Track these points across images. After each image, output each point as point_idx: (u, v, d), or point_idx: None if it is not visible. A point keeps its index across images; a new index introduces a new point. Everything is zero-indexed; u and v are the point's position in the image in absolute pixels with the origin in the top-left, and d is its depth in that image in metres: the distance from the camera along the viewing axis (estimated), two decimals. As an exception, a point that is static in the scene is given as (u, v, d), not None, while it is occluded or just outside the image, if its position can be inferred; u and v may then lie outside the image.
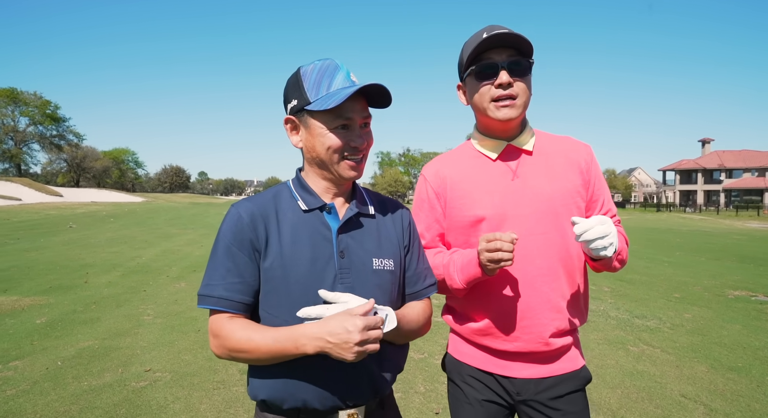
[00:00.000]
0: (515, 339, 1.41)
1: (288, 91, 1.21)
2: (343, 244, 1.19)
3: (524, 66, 1.35)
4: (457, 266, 1.38)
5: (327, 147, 1.17)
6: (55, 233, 15.40)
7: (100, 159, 75.53)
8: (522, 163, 1.44)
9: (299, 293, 1.14)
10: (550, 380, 1.44)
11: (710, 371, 3.99)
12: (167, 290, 6.95)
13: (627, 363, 4.17)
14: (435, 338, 4.81)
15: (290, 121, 1.22)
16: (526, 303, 1.39)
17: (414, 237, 1.36)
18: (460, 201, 1.45)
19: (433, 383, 3.70)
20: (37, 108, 63.46)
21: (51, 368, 3.86)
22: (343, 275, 1.17)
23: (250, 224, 1.15)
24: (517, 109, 1.37)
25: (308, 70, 1.19)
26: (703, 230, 23.44)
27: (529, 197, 1.40)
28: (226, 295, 1.13)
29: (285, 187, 1.27)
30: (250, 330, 1.11)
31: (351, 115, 1.16)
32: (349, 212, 1.23)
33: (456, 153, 1.55)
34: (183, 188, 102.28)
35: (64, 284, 7.19)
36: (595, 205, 1.47)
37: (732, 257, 11.62)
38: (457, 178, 1.47)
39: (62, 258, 9.79)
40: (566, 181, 1.42)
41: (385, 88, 1.15)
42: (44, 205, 30.87)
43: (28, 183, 43.32)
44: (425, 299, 1.36)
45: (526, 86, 1.37)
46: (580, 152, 1.48)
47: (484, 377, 1.48)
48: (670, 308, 6.25)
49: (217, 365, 3.97)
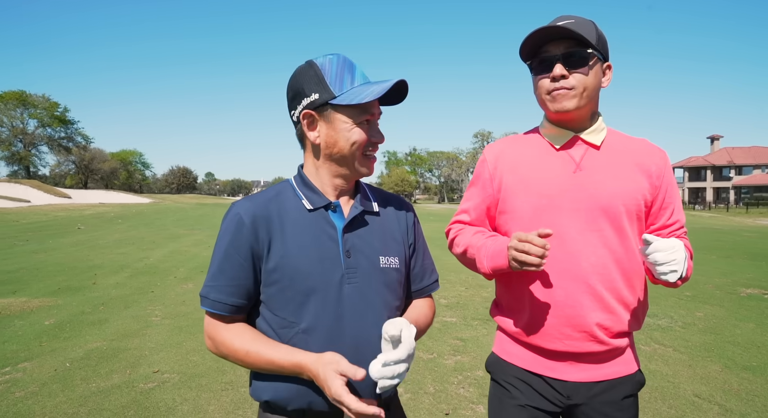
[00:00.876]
0: (565, 337, 1.35)
1: (304, 86, 1.17)
2: (349, 243, 1.18)
3: (581, 57, 1.29)
4: (489, 251, 1.34)
5: (352, 142, 1.16)
6: (63, 234, 15.51)
7: (107, 161, 76.08)
8: (587, 156, 1.39)
9: (306, 293, 1.13)
10: (603, 383, 1.38)
11: (724, 371, 3.93)
12: (175, 290, 6.97)
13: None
14: (444, 338, 4.78)
15: (309, 116, 1.18)
16: (577, 300, 1.33)
17: (418, 233, 1.36)
18: (515, 187, 1.41)
19: (442, 384, 3.67)
20: (46, 110, 63.94)
21: (59, 370, 3.87)
22: (350, 275, 1.16)
23: (250, 227, 1.13)
24: (573, 100, 1.31)
25: (326, 64, 1.16)
26: (713, 227, 23.21)
27: (589, 191, 1.34)
28: (220, 298, 1.14)
29: (288, 186, 1.24)
30: (247, 342, 1.12)
31: (374, 110, 1.18)
32: (354, 210, 1.21)
33: (521, 138, 1.51)
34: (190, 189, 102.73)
35: (73, 286, 7.22)
36: (664, 214, 1.41)
37: (743, 255, 11.49)
38: (518, 163, 1.43)
39: (71, 259, 9.85)
40: (631, 182, 1.36)
41: (406, 84, 1.18)
42: (53, 206, 31.13)
43: (37, 185, 43.69)
44: (429, 295, 1.37)
45: (586, 77, 1.31)
46: (653, 156, 1.40)
47: (533, 380, 1.41)
48: (681, 306, 6.18)
49: (225, 366, 3.96)
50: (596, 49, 1.31)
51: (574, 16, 1.34)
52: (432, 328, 5.12)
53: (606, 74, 1.39)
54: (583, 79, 1.31)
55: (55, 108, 64.68)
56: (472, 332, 5.02)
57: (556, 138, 1.41)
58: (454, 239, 1.52)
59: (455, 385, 3.66)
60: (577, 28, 1.28)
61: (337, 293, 1.14)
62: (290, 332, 1.13)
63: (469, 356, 4.26)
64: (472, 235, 1.45)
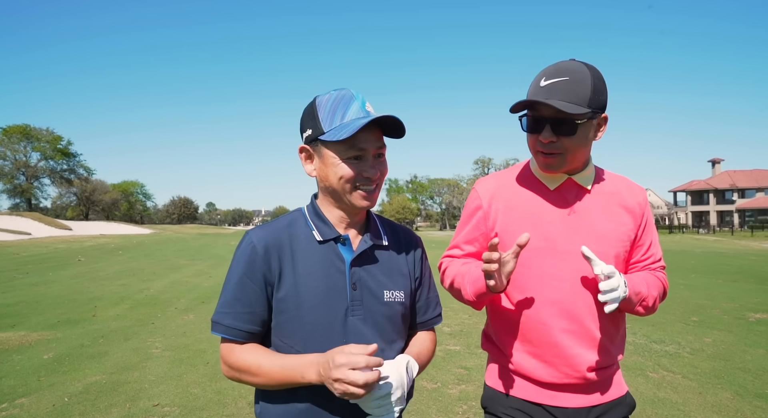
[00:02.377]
0: (563, 375, 1.39)
1: (303, 121, 1.24)
2: (355, 276, 1.21)
3: (570, 124, 1.28)
4: (471, 277, 1.37)
5: (339, 177, 1.19)
6: (63, 266, 15.48)
7: (109, 192, 76.50)
8: (580, 199, 1.43)
9: (312, 323, 1.17)
10: (600, 407, 1.42)
11: (736, 399, 3.86)
12: (175, 322, 6.92)
13: (647, 390, 4.05)
14: (448, 367, 4.72)
15: (305, 150, 1.25)
16: (574, 341, 1.37)
17: (425, 268, 1.39)
18: (513, 227, 1.42)
19: (447, 414, 3.61)
20: (49, 143, 64.81)
21: (57, 405, 3.82)
22: (354, 307, 1.19)
23: (263, 256, 1.18)
24: (560, 165, 1.35)
25: (324, 100, 1.21)
26: (719, 251, 23.09)
27: (584, 234, 1.38)
28: (234, 324, 1.17)
29: (300, 215, 1.28)
30: (260, 355, 1.15)
31: (364, 145, 1.18)
32: (363, 244, 1.24)
33: (513, 174, 1.52)
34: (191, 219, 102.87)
35: (72, 318, 7.18)
36: (639, 250, 1.47)
37: (750, 279, 11.41)
38: (513, 203, 1.45)
39: (70, 292, 9.81)
40: (619, 224, 1.42)
41: (397, 119, 1.17)
42: (53, 239, 31.16)
43: (38, 217, 43.85)
44: (431, 328, 1.40)
45: (573, 142, 1.31)
46: (636, 196, 1.47)
47: (533, 410, 1.43)
48: (688, 332, 6.11)
49: (227, 399, 3.91)
50: (589, 110, 1.28)
51: (572, 67, 1.30)
52: (435, 357, 5.06)
53: (601, 127, 1.38)
54: (571, 144, 1.32)
55: (58, 141, 65.57)
56: (476, 360, 4.96)
57: (549, 180, 1.44)
58: (445, 271, 1.55)
59: (460, 415, 3.60)
60: (567, 94, 1.26)
61: (341, 324, 1.18)
62: None
63: (473, 385, 4.20)
64: (459, 265, 1.48)
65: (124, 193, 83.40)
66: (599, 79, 1.32)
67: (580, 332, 1.37)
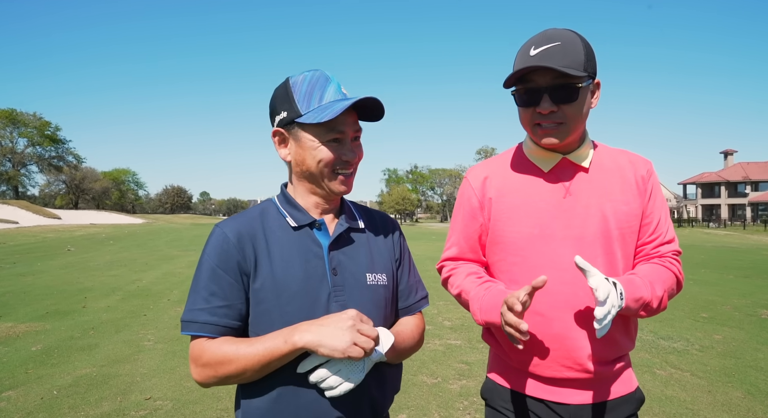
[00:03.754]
0: (564, 368, 1.35)
1: (276, 103, 1.21)
2: (335, 261, 1.20)
3: (570, 90, 1.25)
4: (482, 305, 1.33)
5: (318, 160, 1.17)
6: (52, 256, 15.50)
7: (99, 180, 76.55)
8: (576, 179, 1.37)
9: (293, 313, 1.13)
10: (606, 404, 1.38)
11: (747, 398, 3.87)
12: (168, 314, 6.93)
13: (654, 388, 4.07)
14: (449, 362, 4.73)
15: (278, 133, 1.22)
16: (576, 331, 1.33)
17: (404, 249, 1.38)
18: (505, 215, 1.39)
19: (448, 410, 3.62)
20: (36, 129, 64.66)
21: (46, 398, 3.83)
22: (336, 293, 1.18)
23: (236, 245, 1.15)
24: (563, 135, 1.30)
25: (298, 81, 1.19)
26: (730, 245, 23.13)
27: (581, 218, 1.33)
28: (211, 320, 1.11)
29: (271, 204, 1.26)
30: (236, 342, 1.10)
31: (343, 128, 1.17)
32: (339, 227, 1.23)
33: (505, 160, 1.48)
34: (185, 209, 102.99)
35: (62, 310, 7.19)
36: (647, 228, 1.38)
37: (763, 275, 11.42)
38: (505, 190, 1.41)
39: (60, 282, 9.83)
40: (622, 203, 1.35)
41: (378, 101, 1.17)
42: (42, 228, 31.18)
43: (26, 206, 43.87)
44: (417, 313, 1.37)
45: (575, 110, 1.27)
46: (638, 169, 1.40)
47: (534, 405, 1.40)
48: (697, 328, 6.13)
49: (221, 393, 3.92)
50: (586, 75, 1.26)
51: (560, 33, 1.27)
52: (436, 351, 5.08)
53: (594, 94, 1.34)
54: (572, 112, 1.28)
55: (46, 127, 65.43)
56: (477, 355, 4.97)
57: (543, 161, 1.39)
58: (448, 279, 1.51)
59: (461, 411, 3.61)
60: (563, 58, 1.22)
61: (324, 312, 1.15)
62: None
63: (475, 381, 4.21)
64: (465, 277, 1.44)
65: (115, 182, 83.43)
66: (589, 45, 1.30)
67: (581, 323, 1.32)
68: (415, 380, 4.25)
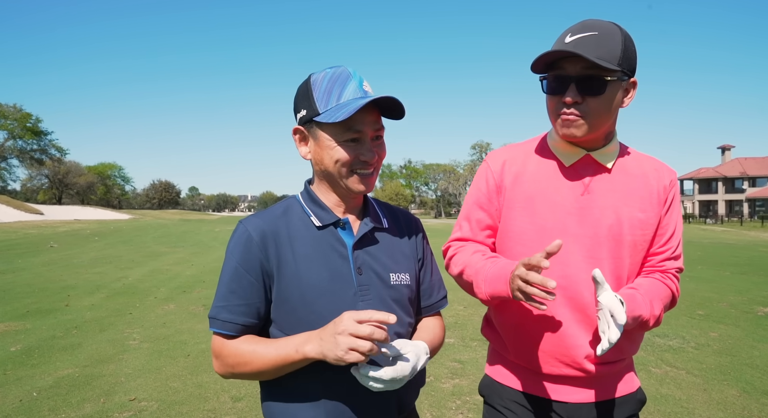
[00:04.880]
0: (563, 365, 1.35)
1: (297, 100, 1.22)
2: (360, 260, 1.22)
3: (598, 82, 1.23)
4: (489, 275, 1.31)
5: (335, 160, 1.18)
6: (34, 253, 15.35)
7: (84, 174, 75.85)
8: (597, 179, 1.36)
9: (319, 312, 1.15)
10: (605, 403, 1.38)
11: (742, 396, 3.91)
12: (155, 312, 6.89)
13: (649, 386, 4.09)
14: (441, 360, 4.74)
15: (299, 131, 1.23)
16: (576, 330, 1.33)
17: (426, 249, 1.40)
18: (519, 204, 1.39)
19: (440, 409, 3.63)
20: (17, 121, 63.81)
21: (25, 400, 3.79)
22: (362, 292, 1.20)
23: (260, 244, 1.17)
24: (583, 127, 1.27)
25: (318, 79, 1.19)
26: (727, 242, 23.34)
27: (595, 218, 1.33)
28: (230, 318, 1.16)
29: (295, 202, 1.28)
30: (254, 343, 1.14)
31: (361, 127, 1.16)
32: (364, 227, 1.25)
33: (528, 148, 1.47)
34: (173, 204, 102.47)
35: (43, 308, 7.13)
36: (660, 239, 1.38)
37: (759, 271, 11.53)
38: (523, 177, 1.41)
39: (41, 280, 9.73)
40: (639, 210, 1.34)
41: (397, 100, 1.16)
42: (23, 223, 30.88)
43: (6, 201, 43.39)
44: (438, 313, 1.40)
45: (601, 104, 1.26)
46: (662, 179, 1.39)
47: (532, 402, 1.41)
48: (693, 326, 6.18)
49: (208, 393, 3.90)
50: (619, 70, 1.24)
51: (601, 24, 1.25)
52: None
53: (629, 93, 1.32)
54: (597, 106, 1.26)
55: (27, 119, 64.51)
56: (471, 353, 4.99)
57: (566, 155, 1.38)
58: (453, 257, 1.49)
59: (453, 410, 3.62)
60: (597, 49, 1.21)
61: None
62: None
63: (467, 380, 4.22)
64: (471, 254, 1.42)
65: (100, 176, 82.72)
66: (630, 40, 1.27)
67: (585, 322, 1.32)
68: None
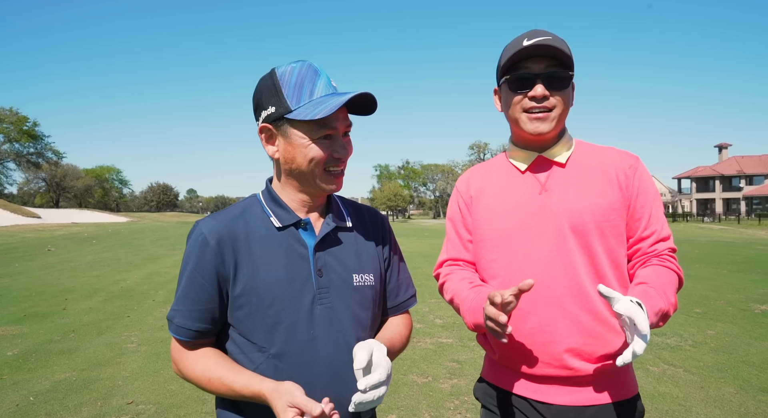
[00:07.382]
0: (544, 365, 1.34)
1: (262, 97, 1.17)
2: (320, 262, 1.19)
3: (563, 78, 1.34)
4: (470, 307, 1.34)
5: (310, 159, 1.14)
6: (31, 257, 15.32)
7: (81, 177, 75.60)
8: (552, 175, 1.41)
9: (275, 316, 1.13)
10: (593, 408, 1.33)
11: (739, 393, 3.92)
12: (153, 315, 6.88)
13: (647, 384, 4.10)
14: (440, 360, 4.74)
15: (266, 130, 1.18)
16: (552, 326, 1.32)
17: (393, 246, 1.37)
18: (483, 213, 1.46)
19: (438, 410, 3.63)
20: (13, 125, 63.58)
21: (22, 405, 3.78)
22: (321, 295, 1.17)
23: (215, 249, 1.13)
24: (551, 123, 1.35)
25: (286, 73, 1.15)
26: (724, 240, 23.40)
27: (555, 212, 1.36)
28: (184, 323, 1.15)
29: (255, 201, 1.24)
30: (210, 368, 1.12)
31: (335, 124, 1.14)
32: (326, 227, 1.21)
33: (488, 164, 1.59)
34: (171, 207, 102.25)
35: (41, 312, 7.11)
36: (639, 224, 1.37)
37: (757, 269, 11.57)
38: (484, 190, 1.49)
39: (39, 284, 9.71)
40: (599, 197, 1.35)
41: (373, 97, 1.16)
42: (20, 227, 30.81)
43: (3, 204, 43.26)
44: (405, 311, 1.38)
45: (564, 99, 1.36)
46: (620, 164, 1.40)
47: (519, 403, 1.41)
48: (691, 324, 6.19)
49: (206, 396, 3.90)
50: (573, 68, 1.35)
51: (548, 31, 1.35)
52: (426, 350, 5.09)
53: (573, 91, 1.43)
54: (562, 101, 1.35)
55: (23, 122, 64.36)
56: (469, 353, 4.99)
57: (521, 160, 1.46)
58: (443, 285, 1.54)
59: (452, 410, 3.62)
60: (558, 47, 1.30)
61: (308, 315, 1.14)
62: (261, 357, 1.14)
63: (466, 380, 4.23)
64: (458, 282, 1.46)
65: (98, 179, 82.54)
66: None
67: (560, 317, 1.32)
68: (405, 379, 4.25)
